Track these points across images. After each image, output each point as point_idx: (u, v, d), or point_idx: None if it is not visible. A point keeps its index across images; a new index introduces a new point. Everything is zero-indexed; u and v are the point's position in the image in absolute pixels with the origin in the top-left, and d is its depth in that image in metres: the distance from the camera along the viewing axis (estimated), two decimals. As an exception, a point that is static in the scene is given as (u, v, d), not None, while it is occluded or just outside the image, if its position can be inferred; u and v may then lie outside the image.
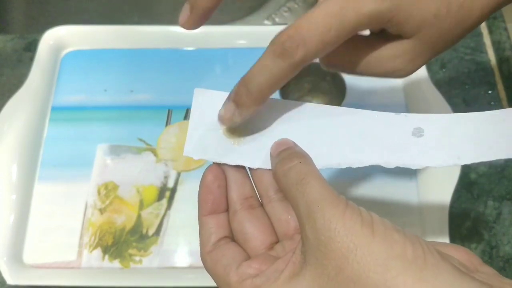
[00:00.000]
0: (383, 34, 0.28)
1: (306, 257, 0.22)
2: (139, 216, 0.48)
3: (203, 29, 0.57)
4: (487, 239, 0.49)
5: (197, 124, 0.28)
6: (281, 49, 0.24)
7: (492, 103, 0.56)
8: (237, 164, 0.27)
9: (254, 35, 0.57)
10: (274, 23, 0.65)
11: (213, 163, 0.28)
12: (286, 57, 0.24)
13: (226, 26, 0.62)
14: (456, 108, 0.54)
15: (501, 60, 0.58)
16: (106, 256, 0.47)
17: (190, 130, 0.28)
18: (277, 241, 0.27)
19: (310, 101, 0.54)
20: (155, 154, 0.51)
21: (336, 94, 0.51)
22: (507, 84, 0.57)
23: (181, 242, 0.47)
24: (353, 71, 0.30)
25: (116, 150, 0.52)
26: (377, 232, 0.20)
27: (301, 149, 0.26)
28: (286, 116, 0.28)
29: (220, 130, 0.28)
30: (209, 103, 0.28)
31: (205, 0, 0.27)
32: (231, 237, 0.27)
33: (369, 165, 0.27)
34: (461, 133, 0.27)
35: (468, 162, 0.26)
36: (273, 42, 0.25)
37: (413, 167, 0.26)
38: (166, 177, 0.50)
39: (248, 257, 0.26)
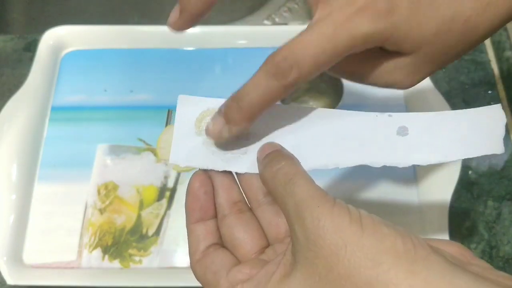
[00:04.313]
0: (382, 47, 0.27)
1: (296, 257, 0.21)
2: (139, 216, 0.48)
3: (203, 29, 0.58)
4: (487, 239, 0.49)
5: (182, 131, 0.28)
6: (275, 69, 0.24)
7: (492, 103, 0.56)
8: (224, 169, 0.27)
9: (254, 35, 0.57)
10: (274, 23, 0.65)
11: (199, 169, 0.27)
12: (280, 77, 0.24)
13: (226, 26, 0.62)
14: (456, 108, 0.54)
15: (501, 60, 0.58)
16: (106, 256, 0.47)
17: (175, 138, 0.28)
18: (268, 245, 0.27)
19: (307, 101, 0.54)
20: (155, 154, 0.51)
21: (333, 94, 0.51)
22: (507, 84, 0.57)
23: (181, 242, 0.47)
24: (354, 79, 0.30)
25: (116, 150, 0.52)
26: (366, 227, 0.20)
27: (287, 151, 0.26)
28: (271, 120, 0.28)
29: (205, 136, 0.28)
30: (193, 109, 0.28)
31: (194, 4, 0.27)
32: (221, 243, 0.27)
33: (356, 165, 0.27)
34: (445, 130, 0.27)
35: (455, 159, 0.27)
36: (267, 61, 0.25)
37: (400, 166, 0.27)
38: (166, 177, 0.50)
39: (238, 262, 0.26)
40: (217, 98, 0.28)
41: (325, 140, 0.27)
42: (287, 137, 0.27)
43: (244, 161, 0.27)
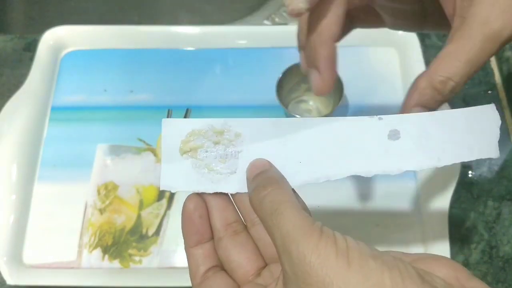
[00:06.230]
0: None
1: None
2: (139, 216, 0.48)
3: (203, 29, 0.58)
4: (487, 239, 0.49)
5: (169, 156, 0.28)
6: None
7: (492, 103, 0.56)
8: (215, 191, 0.27)
9: (254, 35, 0.57)
10: (274, 23, 0.65)
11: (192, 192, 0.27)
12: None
13: (226, 26, 0.62)
14: (455, 108, 0.54)
15: (501, 60, 0.58)
16: (106, 256, 0.47)
17: (164, 163, 0.28)
18: (265, 265, 0.27)
19: (306, 101, 0.54)
20: (155, 154, 0.51)
21: (333, 94, 0.51)
22: (507, 84, 0.57)
23: (181, 242, 0.47)
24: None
25: (116, 150, 0.52)
26: (353, 261, 0.20)
27: (276, 171, 0.26)
28: (259, 136, 0.27)
29: (193, 159, 0.27)
30: (178, 132, 0.28)
31: (322, 48, 0.28)
32: (220, 265, 0.27)
33: (348, 176, 0.26)
34: (439, 132, 0.26)
35: (449, 163, 0.26)
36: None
37: (393, 173, 0.26)
38: (166, 177, 0.50)
39: (236, 286, 0.26)
40: (201, 119, 0.28)
41: (315, 151, 0.27)
42: (275, 153, 0.27)
43: (235, 180, 0.27)
